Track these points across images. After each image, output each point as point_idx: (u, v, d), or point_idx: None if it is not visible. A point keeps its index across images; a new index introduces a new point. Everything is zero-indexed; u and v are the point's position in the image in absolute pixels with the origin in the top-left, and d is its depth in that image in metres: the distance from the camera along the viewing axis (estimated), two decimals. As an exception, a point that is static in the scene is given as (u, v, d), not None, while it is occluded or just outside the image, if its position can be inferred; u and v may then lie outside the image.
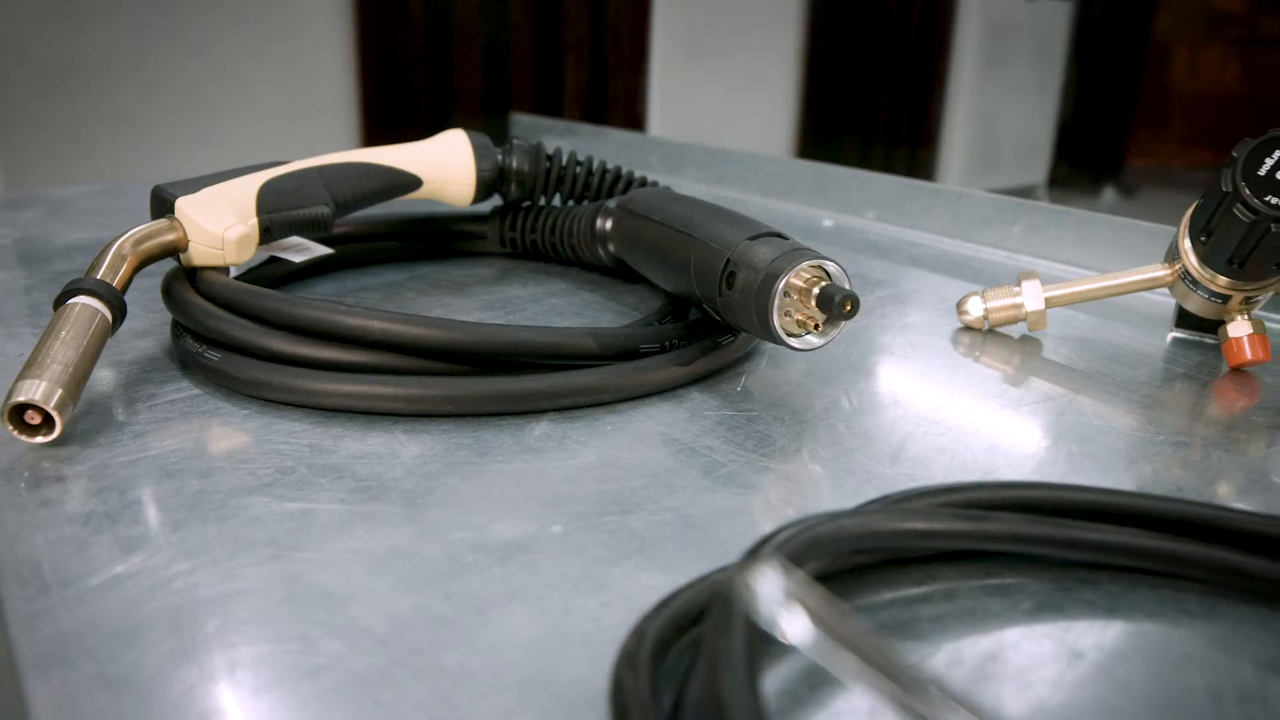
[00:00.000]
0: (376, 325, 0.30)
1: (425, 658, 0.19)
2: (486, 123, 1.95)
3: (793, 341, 0.30)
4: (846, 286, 0.30)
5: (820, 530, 0.18)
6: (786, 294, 0.30)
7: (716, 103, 2.64)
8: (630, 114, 2.45)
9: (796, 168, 0.66)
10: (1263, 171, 0.31)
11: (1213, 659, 0.20)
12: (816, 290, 0.29)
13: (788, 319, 0.30)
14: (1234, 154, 0.32)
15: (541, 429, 0.29)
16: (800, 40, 2.84)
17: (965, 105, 3.33)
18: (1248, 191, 0.31)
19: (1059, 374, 0.37)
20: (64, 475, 0.25)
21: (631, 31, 2.36)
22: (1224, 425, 0.33)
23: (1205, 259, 0.36)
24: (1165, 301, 0.43)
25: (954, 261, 0.54)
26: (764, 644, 0.16)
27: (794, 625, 0.10)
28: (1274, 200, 0.31)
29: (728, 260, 0.31)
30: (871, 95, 3.11)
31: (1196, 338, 0.42)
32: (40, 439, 0.27)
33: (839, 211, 0.64)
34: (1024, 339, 0.41)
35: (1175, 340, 0.42)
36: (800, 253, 0.30)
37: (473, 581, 0.21)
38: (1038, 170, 3.67)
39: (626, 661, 0.16)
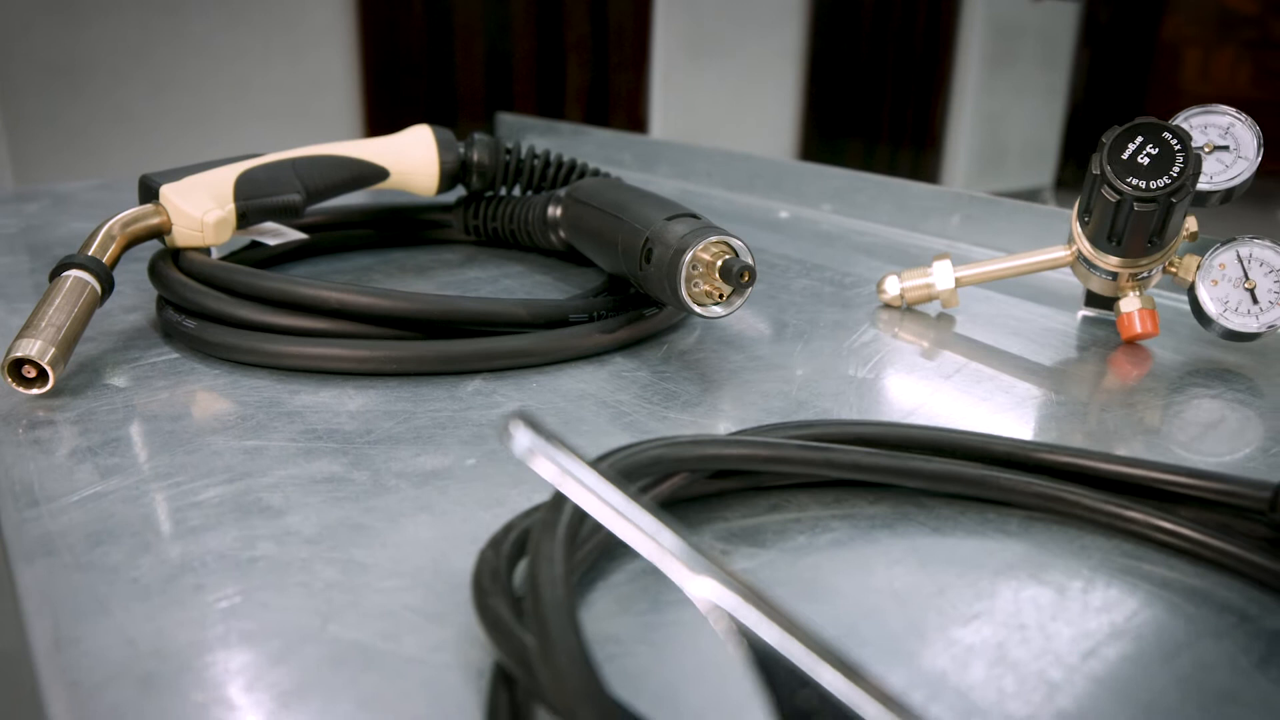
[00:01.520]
0: (331, 295, 0.34)
1: (340, 552, 0.22)
2: (486, 124, 1.99)
3: (700, 310, 0.34)
4: (749, 261, 0.34)
5: (658, 451, 0.22)
6: (694, 266, 0.34)
7: (719, 103, 2.68)
8: (632, 115, 2.49)
9: (759, 164, 0.70)
10: (1125, 155, 0.35)
11: (1020, 568, 0.24)
12: (719, 263, 0.33)
13: (697, 290, 0.34)
14: (1103, 139, 0.36)
15: (474, 386, 0.33)
16: (803, 40, 2.87)
17: (970, 107, 3.35)
18: (1112, 173, 0.35)
19: (962, 345, 0.40)
20: (55, 420, 0.30)
21: (633, 32, 2.40)
22: (1100, 388, 0.36)
23: (1092, 239, 0.39)
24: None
25: (896, 249, 0.57)
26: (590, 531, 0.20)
27: (539, 465, 0.14)
28: (1135, 181, 0.35)
29: (646, 238, 0.35)
30: (875, 96, 3.14)
31: (1104, 315, 0.45)
32: (35, 391, 0.31)
33: (797, 204, 0.68)
34: (940, 316, 0.44)
35: (1085, 318, 0.45)
36: (708, 230, 0.34)
37: (391, 499, 0.25)
38: (1045, 172, 3.69)
39: (492, 544, 0.20)
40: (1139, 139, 0.35)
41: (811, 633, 0.13)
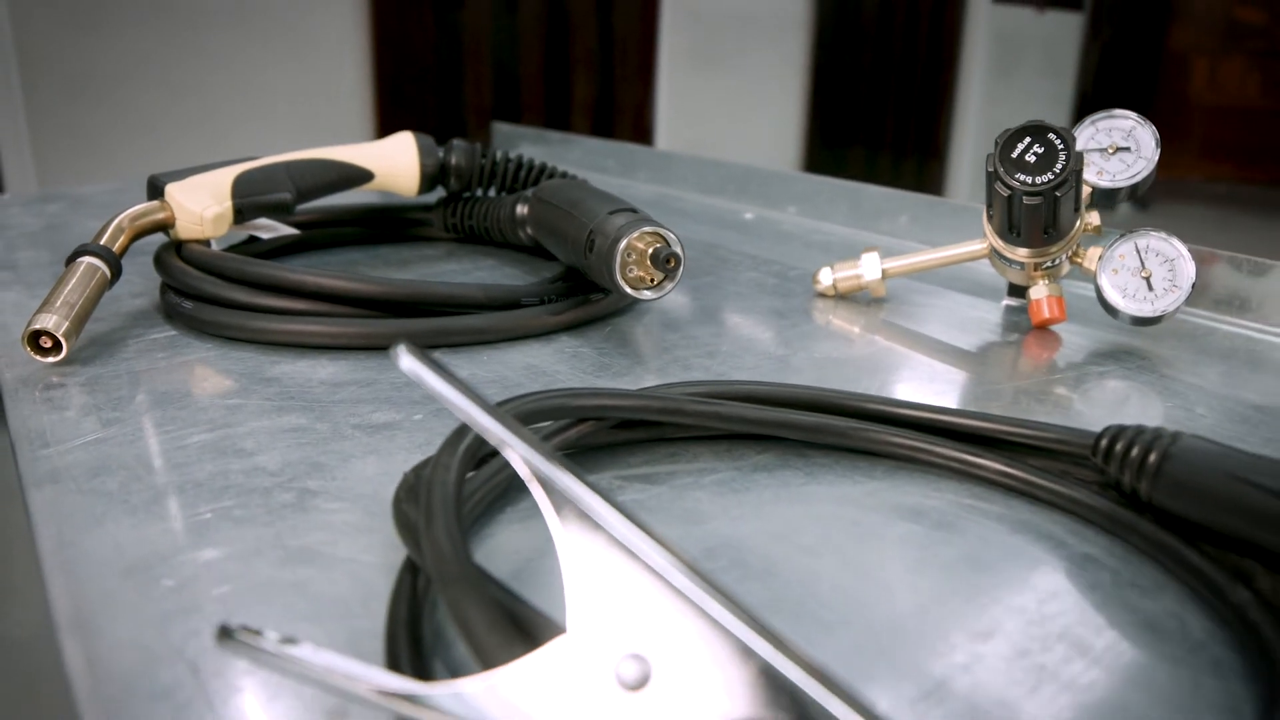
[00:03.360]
0: (310, 279, 0.38)
1: (297, 483, 0.27)
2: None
3: (634, 293, 0.38)
4: (677, 250, 0.38)
5: (560, 400, 0.26)
6: (629, 254, 0.38)
7: (724, 114, 2.72)
8: (639, 125, 2.54)
9: (731, 169, 0.75)
10: (1015, 154, 0.39)
11: (876, 505, 0.28)
12: (651, 251, 0.38)
13: (632, 275, 0.38)
14: (996, 140, 0.40)
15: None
16: (807, 51, 2.91)
17: (974, 117, 3.38)
18: (1003, 171, 0.39)
19: (884, 329, 0.45)
20: (66, 384, 0.34)
21: (639, 44, 2.46)
22: (1002, 365, 0.40)
23: (998, 233, 0.43)
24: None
25: (847, 246, 0.61)
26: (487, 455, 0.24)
27: (420, 383, 0.18)
28: (1022, 177, 0.39)
29: (590, 230, 0.40)
30: (879, 106, 3.17)
31: (1025, 304, 0.49)
32: (51, 359, 0.35)
33: (764, 207, 0.72)
34: (870, 304, 0.48)
35: (1008, 307, 0.49)
36: (642, 222, 0.38)
37: (346, 445, 0.30)
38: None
39: (414, 470, 0.25)
40: (1027, 139, 0.39)
41: (668, 541, 0.17)
